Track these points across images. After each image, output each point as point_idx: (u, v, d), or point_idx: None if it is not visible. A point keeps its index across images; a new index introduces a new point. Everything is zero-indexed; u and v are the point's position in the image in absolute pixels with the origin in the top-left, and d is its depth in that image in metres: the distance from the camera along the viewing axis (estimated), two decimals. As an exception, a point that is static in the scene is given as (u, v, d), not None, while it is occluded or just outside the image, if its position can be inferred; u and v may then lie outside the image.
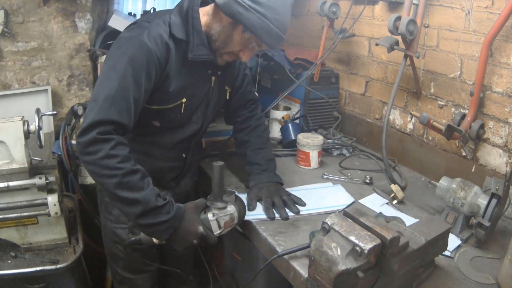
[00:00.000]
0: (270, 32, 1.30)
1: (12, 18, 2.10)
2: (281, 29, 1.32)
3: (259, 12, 1.27)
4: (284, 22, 1.32)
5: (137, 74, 1.26)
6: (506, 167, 1.60)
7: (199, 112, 1.55)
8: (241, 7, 1.27)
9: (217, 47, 1.40)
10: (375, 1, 2.10)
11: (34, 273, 1.56)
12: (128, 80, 1.25)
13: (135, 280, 1.72)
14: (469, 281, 1.19)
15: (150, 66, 1.30)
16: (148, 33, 1.32)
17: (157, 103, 1.42)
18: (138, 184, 1.20)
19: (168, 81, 1.39)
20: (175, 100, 1.44)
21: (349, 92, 2.41)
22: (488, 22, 1.58)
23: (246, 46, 1.38)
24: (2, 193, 1.52)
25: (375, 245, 0.95)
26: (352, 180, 1.80)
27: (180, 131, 1.54)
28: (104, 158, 1.17)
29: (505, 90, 1.57)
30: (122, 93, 1.23)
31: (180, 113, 1.47)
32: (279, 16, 1.30)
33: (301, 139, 1.90)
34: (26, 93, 2.16)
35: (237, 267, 1.99)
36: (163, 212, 1.22)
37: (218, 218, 1.29)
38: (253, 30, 1.30)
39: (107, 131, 1.19)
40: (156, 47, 1.31)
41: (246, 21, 1.29)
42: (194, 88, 1.48)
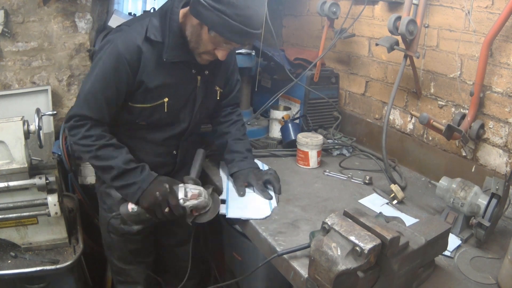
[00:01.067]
0: (232, 29, 1.29)
1: (12, 18, 2.10)
2: (246, 24, 1.29)
3: (219, 10, 1.27)
4: (248, 16, 1.29)
5: (106, 76, 1.41)
6: (506, 167, 1.60)
7: (185, 111, 1.59)
8: (201, 6, 1.29)
9: (192, 48, 1.44)
10: (375, 1, 2.10)
11: (34, 273, 1.56)
12: (99, 82, 1.42)
13: (129, 271, 1.79)
14: (469, 281, 1.19)
15: (119, 69, 1.41)
16: (123, 37, 1.41)
17: (140, 102, 1.49)
18: (111, 154, 1.43)
19: (146, 81, 1.45)
20: (157, 99, 1.49)
21: (349, 92, 2.41)
22: (488, 22, 1.58)
23: (218, 44, 1.39)
24: (2, 193, 1.52)
25: (375, 245, 0.95)
26: (352, 180, 1.80)
27: (167, 129, 1.59)
28: (82, 139, 1.43)
29: (505, 90, 1.57)
30: (92, 93, 1.42)
31: (164, 112, 1.52)
32: (240, 10, 1.27)
33: (301, 138, 1.90)
34: (26, 93, 2.16)
35: (237, 267, 1.99)
36: (133, 174, 1.41)
37: (186, 188, 1.40)
38: (215, 29, 1.32)
39: (81, 119, 1.43)
40: (126, 51, 1.39)
41: (207, 20, 1.31)
42: (176, 87, 1.52)
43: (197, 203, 1.40)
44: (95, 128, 1.43)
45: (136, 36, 1.41)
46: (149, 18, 1.45)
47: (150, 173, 1.44)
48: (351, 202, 1.62)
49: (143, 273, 1.81)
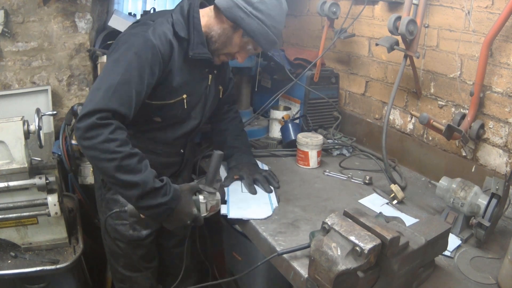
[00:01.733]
0: (268, 38, 1.42)
1: (12, 18, 2.10)
2: (277, 35, 1.44)
3: (259, 19, 1.38)
4: (280, 29, 1.45)
5: (141, 68, 1.30)
6: (506, 167, 1.60)
7: (198, 108, 1.61)
8: (243, 12, 1.37)
9: (216, 48, 1.49)
10: (375, 1, 2.10)
11: (34, 273, 1.56)
12: (132, 73, 1.28)
13: (135, 278, 1.73)
14: (469, 281, 1.19)
15: (154, 61, 1.34)
16: (153, 30, 1.37)
17: (159, 98, 1.46)
18: (136, 167, 1.22)
19: (170, 77, 1.44)
20: (177, 96, 1.49)
21: (349, 92, 2.41)
22: (488, 22, 1.58)
23: (244, 48, 1.49)
24: (2, 193, 1.52)
25: (375, 245, 0.95)
26: (352, 180, 1.80)
27: (180, 126, 1.59)
28: (104, 142, 1.18)
29: (505, 90, 1.57)
30: (125, 85, 1.26)
31: (183, 108, 1.53)
32: (276, 23, 1.41)
33: (301, 138, 1.90)
34: (26, 93, 2.16)
35: (237, 267, 1.99)
36: (161, 194, 1.25)
37: (207, 202, 1.36)
38: (253, 35, 1.41)
39: (106, 117, 1.22)
40: (160, 44, 1.36)
41: (247, 27, 1.39)
42: (193, 85, 1.54)
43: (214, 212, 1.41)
44: (120, 131, 1.23)
45: (166, 30, 1.40)
46: (170, 14, 1.46)
47: (175, 190, 1.30)
48: (351, 202, 1.62)
49: (150, 279, 1.77)
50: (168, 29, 1.41)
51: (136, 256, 1.69)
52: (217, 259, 2.27)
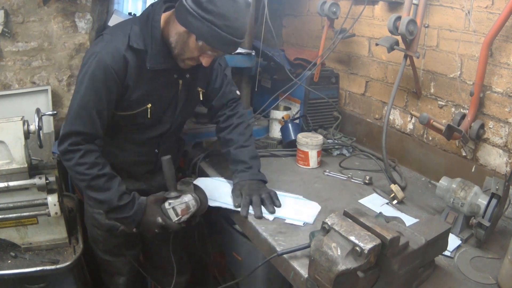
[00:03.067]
0: (221, 39, 1.32)
1: (12, 18, 2.10)
2: (234, 35, 1.33)
3: (209, 21, 1.29)
4: (237, 27, 1.33)
5: (97, 90, 1.40)
6: (506, 167, 1.60)
7: (167, 114, 1.60)
8: (191, 16, 1.30)
9: (177, 54, 1.43)
10: (375, 1, 2.10)
11: (34, 273, 1.56)
12: (90, 96, 1.40)
13: (114, 263, 1.83)
14: (469, 281, 1.19)
15: (108, 81, 1.40)
16: (107, 48, 1.40)
17: (123, 110, 1.50)
18: (104, 186, 1.41)
19: (129, 90, 1.46)
20: (140, 106, 1.50)
21: (349, 92, 2.41)
22: (488, 22, 1.58)
23: (203, 52, 1.40)
24: (2, 193, 1.52)
25: (375, 245, 0.95)
26: (352, 180, 1.80)
27: (149, 131, 1.60)
28: (75, 165, 1.40)
29: (505, 90, 1.57)
30: (84, 108, 1.40)
31: (147, 117, 1.53)
32: (230, 22, 1.31)
33: (301, 138, 1.90)
34: (26, 93, 2.16)
35: (237, 267, 1.99)
36: (125, 210, 1.43)
37: (174, 207, 1.43)
38: (204, 39, 1.34)
39: (76, 142, 1.40)
40: (113, 62, 1.39)
41: (196, 30, 1.32)
42: (159, 93, 1.53)
43: (189, 216, 1.46)
44: (89, 154, 1.41)
45: (120, 45, 1.40)
46: (131, 25, 1.44)
47: (140, 204, 1.45)
48: (351, 202, 1.62)
49: (127, 264, 1.85)
50: (123, 43, 1.40)
51: (114, 243, 1.76)
52: (217, 259, 2.26)
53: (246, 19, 1.36)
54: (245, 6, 1.34)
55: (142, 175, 1.72)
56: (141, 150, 1.65)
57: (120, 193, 1.43)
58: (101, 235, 1.74)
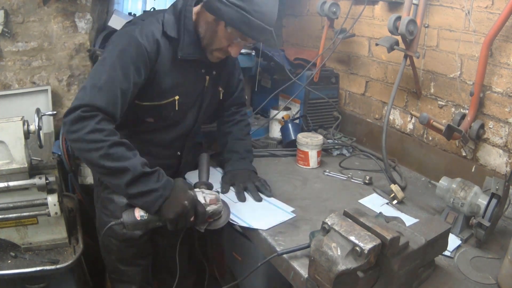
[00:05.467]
0: (251, 25, 1.31)
1: (12, 18, 2.10)
2: (264, 20, 1.32)
3: (238, 6, 1.28)
4: (266, 12, 1.31)
5: (126, 66, 1.30)
6: (506, 167, 1.60)
7: (193, 110, 1.59)
8: (219, 2, 1.29)
9: (206, 45, 1.43)
10: (375, 1, 2.10)
11: (34, 273, 1.56)
12: (116, 72, 1.28)
13: (127, 272, 1.78)
14: (469, 281, 1.19)
15: (139, 60, 1.33)
16: (141, 29, 1.36)
17: (149, 99, 1.45)
18: (124, 154, 1.22)
19: (159, 78, 1.42)
20: (168, 97, 1.47)
21: (349, 92, 2.41)
22: (488, 22, 1.58)
23: (232, 41, 1.39)
24: (2, 193, 1.52)
25: (375, 245, 0.95)
26: (352, 180, 1.80)
27: (173, 129, 1.58)
28: (90, 133, 1.19)
29: (505, 90, 1.57)
30: (109, 84, 1.27)
31: (174, 110, 1.50)
32: (259, 7, 1.29)
33: (301, 138, 1.90)
34: (26, 93, 2.15)
35: (237, 267, 1.99)
36: (152, 179, 1.23)
37: (204, 195, 1.33)
38: (233, 25, 1.32)
39: (91, 110, 1.23)
40: (146, 42, 1.35)
41: (226, 16, 1.30)
42: (187, 86, 1.51)
43: (216, 208, 1.34)
44: (107, 122, 1.24)
45: (154, 29, 1.39)
46: (163, 14, 1.44)
47: (168, 179, 1.29)
48: (351, 202, 1.62)
49: (140, 273, 1.81)
50: (157, 28, 1.39)
51: (129, 253, 1.73)
52: (217, 259, 2.26)
53: (274, 6, 1.35)
54: None
55: None
56: (164, 152, 1.63)
57: (144, 162, 1.26)
58: (116, 245, 1.70)
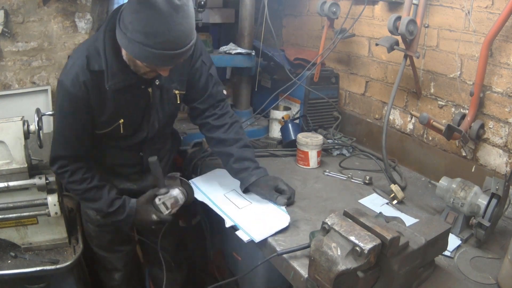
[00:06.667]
0: (158, 57, 1.24)
1: (12, 18, 2.10)
2: (172, 48, 1.23)
3: (140, 42, 1.21)
4: (172, 40, 1.22)
5: (67, 118, 1.46)
6: (506, 167, 1.60)
7: (143, 124, 1.58)
8: (125, 38, 1.25)
9: (134, 71, 1.40)
10: (375, 1, 2.10)
11: (34, 273, 1.56)
12: (62, 123, 1.48)
13: (109, 258, 1.87)
14: (469, 281, 1.19)
15: (76, 108, 1.44)
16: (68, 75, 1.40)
17: (97, 129, 1.53)
18: (94, 197, 1.55)
19: (97, 112, 1.47)
20: (112, 124, 1.52)
21: (349, 92, 2.40)
22: (488, 22, 1.58)
23: (153, 68, 1.33)
24: (2, 193, 1.52)
25: (375, 245, 0.95)
26: (352, 180, 1.80)
27: (127, 139, 1.60)
28: (68, 184, 1.56)
29: (505, 90, 1.57)
30: (60, 134, 1.50)
31: (120, 132, 1.53)
32: (161, 37, 1.20)
33: (301, 138, 1.90)
34: (26, 93, 2.16)
35: (237, 267, 1.99)
36: (117, 214, 1.56)
37: (164, 201, 1.56)
38: (141, 60, 1.28)
39: (63, 164, 1.51)
40: (76, 89, 1.40)
41: (133, 53, 1.26)
42: (129, 107, 1.51)
43: (178, 207, 1.59)
44: (76, 172, 1.52)
45: (79, 70, 1.38)
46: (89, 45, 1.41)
47: (131, 207, 1.56)
48: (351, 202, 1.62)
49: (122, 259, 1.88)
50: (82, 66, 1.37)
51: (107, 239, 1.80)
52: (217, 259, 2.26)
53: (184, 25, 1.22)
54: (174, 10, 1.18)
55: (130, 176, 1.73)
56: (124, 154, 1.66)
57: (111, 200, 1.55)
58: (94, 231, 1.77)
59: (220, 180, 1.74)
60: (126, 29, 1.23)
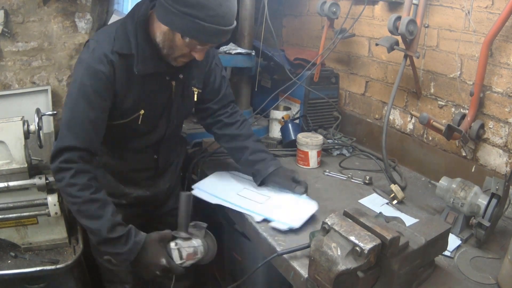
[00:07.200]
0: (208, 31, 1.24)
1: (12, 18, 2.10)
2: (221, 23, 1.24)
3: (189, 14, 1.21)
4: (222, 14, 1.24)
5: (88, 98, 1.32)
6: (506, 167, 1.60)
7: (162, 119, 1.54)
8: (172, 14, 1.23)
9: (166, 54, 1.37)
10: (375, 1, 2.10)
11: (34, 273, 1.56)
12: (80, 106, 1.32)
13: (116, 272, 1.75)
14: (469, 281, 1.19)
15: (99, 86, 1.33)
16: (93, 53, 1.33)
17: (114, 119, 1.43)
18: (95, 213, 1.28)
19: (120, 98, 1.40)
20: (132, 114, 1.45)
21: (349, 92, 2.41)
22: (488, 22, 1.58)
23: (193, 47, 1.33)
24: (2, 193, 1.52)
25: (375, 245, 0.95)
26: (352, 180, 1.80)
27: (144, 137, 1.55)
28: (66, 187, 1.29)
29: (505, 90, 1.57)
30: (76, 120, 1.32)
31: (139, 124, 1.47)
32: (213, 10, 1.22)
33: (301, 138, 1.90)
34: (26, 93, 2.16)
35: (237, 267, 1.99)
36: (118, 245, 1.28)
37: (180, 248, 1.30)
38: (189, 35, 1.26)
39: (69, 159, 1.29)
40: (102, 66, 1.32)
41: (179, 27, 1.25)
42: (151, 98, 1.47)
43: (194, 261, 1.33)
44: (81, 174, 1.29)
45: (106, 50, 1.33)
46: (116, 28, 1.38)
47: (136, 242, 1.30)
48: (351, 202, 1.62)
49: (131, 273, 1.78)
50: (109, 47, 1.34)
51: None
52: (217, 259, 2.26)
53: (232, 3, 1.27)
54: None
55: (143, 182, 1.66)
56: (139, 157, 1.60)
57: (113, 224, 1.29)
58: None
59: (225, 182, 1.71)
60: (175, 2, 1.22)
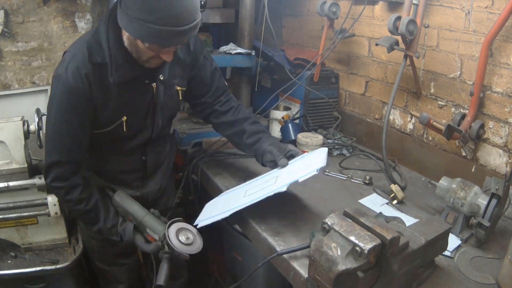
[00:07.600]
0: (162, 35, 1.20)
1: (12, 18, 2.10)
2: (176, 24, 1.19)
3: (143, 20, 1.17)
4: (175, 15, 1.18)
5: (66, 114, 1.35)
6: (506, 167, 1.60)
7: (147, 121, 1.54)
8: (128, 19, 1.21)
9: (136, 58, 1.35)
10: (375, 1, 2.10)
11: (34, 273, 1.56)
12: (60, 122, 1.36)
13: (112, 272, 1.79)
14: (469, 281, 1.19)
15: (76, 103, 1.34)
16: (67, 68, 1.32)
17: (98, 128, 1.45)
18: (93, 220, 1.47)
19: (99, 108, 1.40)
20: (114, 122, 1.44)
21: (349, 92, 2.41)
22: (488, 22, 1.58)
23: (157, 50, 1.29)
24: (2, 193, 1.52)
25: (375, 245, 0.95)
26: (352, 180, 1.80)
27: (130, 141, 1.55)
28: (63, 202, 1.51)
29: (505, 90, 1.57)
30: (56, 135, 1.38)
31: (123, 131, 1.47)
32: (164, 13, 1.17)
33: (301, 138, 1.90)
34: (26, 93, 2.16)
35: (237, 267, 1.99)
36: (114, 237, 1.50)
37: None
38: (146, 40, 1.23)
39: (57, 177, 1.40)
40: (78, 83, 1.32)
41: (136, 33, 1.23)
42: (133, 103, 1.46)
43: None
44: (72, 191, 1.41)
45: (79, 63, 1.32)
46: (91, 35, 1.36)
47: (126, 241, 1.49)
48: (351, 202, 1.62)
49: (126, 273, 1.81)
50: (83, 60, 1.32)
51: (110, 253, 1.72)
52: (217, 259, 2.26)
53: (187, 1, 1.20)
54: None
55: (133, 183, 1.66)
56: (127, 159, 1.60)
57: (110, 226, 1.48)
58: (96, 245, 1.70)
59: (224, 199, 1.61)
60: (127, 8, 1.19)
